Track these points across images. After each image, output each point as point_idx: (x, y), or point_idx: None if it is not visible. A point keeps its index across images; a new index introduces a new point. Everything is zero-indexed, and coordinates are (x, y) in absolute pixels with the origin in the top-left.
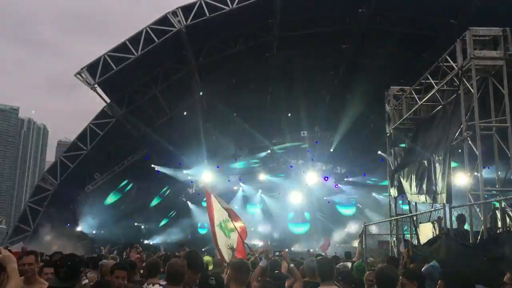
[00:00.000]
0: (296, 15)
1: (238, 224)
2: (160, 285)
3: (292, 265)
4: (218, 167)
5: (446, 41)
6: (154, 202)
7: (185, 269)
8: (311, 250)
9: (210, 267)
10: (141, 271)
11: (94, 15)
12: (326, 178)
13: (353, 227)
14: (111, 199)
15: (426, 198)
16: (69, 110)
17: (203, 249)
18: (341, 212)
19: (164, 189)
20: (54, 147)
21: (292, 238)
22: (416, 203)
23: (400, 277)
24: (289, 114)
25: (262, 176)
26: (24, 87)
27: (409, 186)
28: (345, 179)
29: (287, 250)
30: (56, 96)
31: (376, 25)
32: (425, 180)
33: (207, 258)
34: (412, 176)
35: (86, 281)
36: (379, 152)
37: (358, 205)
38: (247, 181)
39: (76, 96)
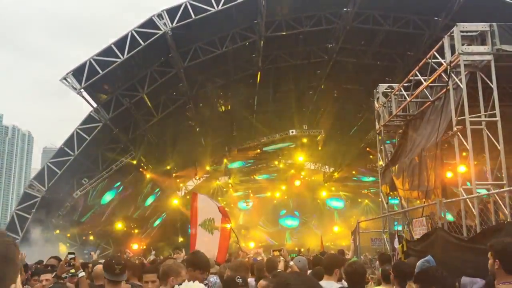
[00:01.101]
0: (281, 15)
1: (225, 225)
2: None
3: (291, 262)
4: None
5: (431, 39)
6: (149, 201)
7: (171, 269)
8: (302, 250)
9: None
10: None
11: (83, 20)
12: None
13: (342, 226)
14: (108, 197)
15: (418, 193)
16: (58, 116)
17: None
18: (331, 205)
19: (157, 190)
20: (40, 153)
21: (283, 236)
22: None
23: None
24: (277, 113)
25: (252, 176)
26: (11, 94)
27: (401, 182)
28: (334, 177)
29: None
30: (44, 103)
31: (360, 24)
32: (417, 176)
33: None
34: (404, 172)
35: (83, 273)
36: (368, 149)
37: (347, 201)
38: (236, 181)
39: (64, 102)
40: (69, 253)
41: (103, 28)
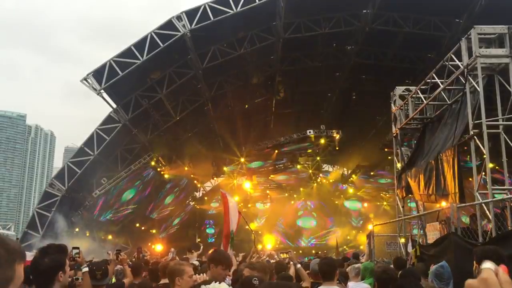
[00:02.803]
0: (300, 17)
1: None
2: None
3: (299, 265)
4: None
5: (452, 41)
6: (167, 200)
7: (174, 270)
8: (320, 252)
9: None
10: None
11: (113, 24)
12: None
13: (358, 228)
14: (127, 196)
15: (436, 198)
16: (83, 117)
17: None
18: (348, 207)
19: (176, 189)
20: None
21: (299, 235)
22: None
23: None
24: (295, 115)
25: (271, 177)
26: (38, 95)
27: (418, 186)
28: (352, 178)
29: (294, 252)
30: (70, 104)
31: (380, 25)
32: (434, 180)
33: None
34: (420, 176)
35: (87, 269)
36: (386, 150)
37: (364, 204)
38: (254, 182)
39: (89, 103)
40: (73, 248)
41: (133, 32)
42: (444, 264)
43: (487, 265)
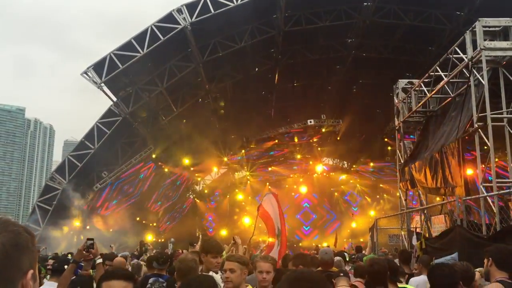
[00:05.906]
0: (300, 10)
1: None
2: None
3: None
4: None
5: (453, 34)
6: (168, 194)
7: (194, 264)
8: (319, 245)
9: None
10: None
11: (129, 20)
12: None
13: (359, 221)
14: (129, 187)
15: (443, 191)
16: (93, 113)
17: None
18: (349, 200)
19: (177, 183)
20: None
21: (299, 227)
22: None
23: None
24: (296, 107)
25: (270, 168)
26: (51, 90)
27: (424, 179)
28: (352, 169)
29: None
30: (82, 100)
31: (381, 18)
32: (440, 173)
33: None
34: (426, 169)
35: (100, 260)
36: (386, 140)
37: (365, 196)
38: (254, 174)
39: (98, 98)
40: (88, 239)
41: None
42: (456, 256)
43: None
